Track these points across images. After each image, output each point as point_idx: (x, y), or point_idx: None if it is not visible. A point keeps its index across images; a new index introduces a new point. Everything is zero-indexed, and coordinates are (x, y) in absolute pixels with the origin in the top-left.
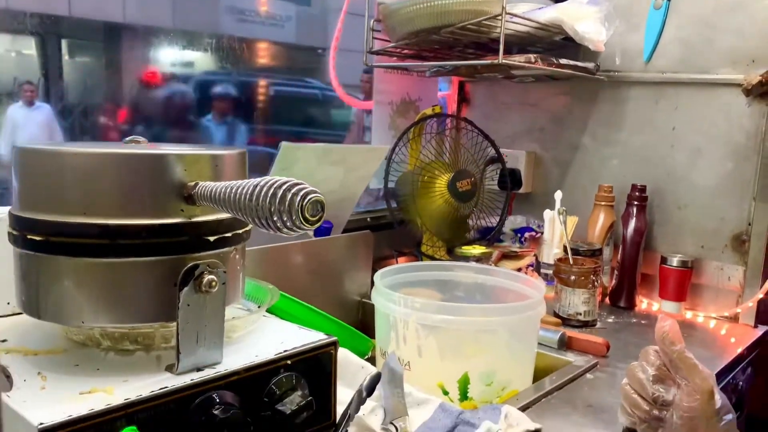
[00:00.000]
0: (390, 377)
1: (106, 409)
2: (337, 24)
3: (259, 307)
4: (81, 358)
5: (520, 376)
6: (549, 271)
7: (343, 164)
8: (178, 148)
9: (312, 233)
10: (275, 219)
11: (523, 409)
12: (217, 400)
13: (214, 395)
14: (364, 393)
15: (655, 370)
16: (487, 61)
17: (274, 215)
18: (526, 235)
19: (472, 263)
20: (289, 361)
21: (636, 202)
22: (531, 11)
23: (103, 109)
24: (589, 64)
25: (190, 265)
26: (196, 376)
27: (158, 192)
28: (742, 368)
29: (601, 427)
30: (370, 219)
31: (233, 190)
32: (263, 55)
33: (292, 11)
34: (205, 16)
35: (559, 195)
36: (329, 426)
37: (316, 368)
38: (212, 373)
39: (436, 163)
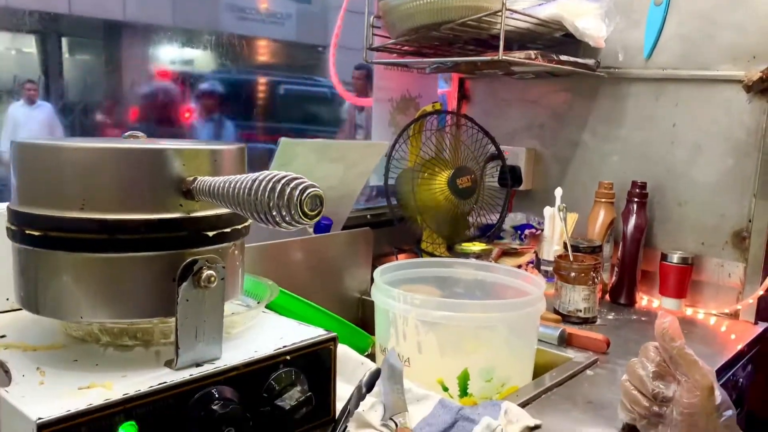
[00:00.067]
0: (390, 373)
1: (105, 404)
2: (337, 21)
3: (258, 303)
4: (80, 354)
5: (520, 372)
6: (549, 268)
7: (342, 160)
8: (177, 143)
9: (312, 230)
10: (274, 213)
11: (522, 406)
12: (216, 396)
13: (213, 390)
14: (364, 389)
15: (655, 366)
16: (488, 58)
17: (273, 210)
18: (526, 232)
19: (472, 260)
20: (289, 357)
21: (636, 199)
22: (531, 7)
23: (103, 107)
24: (590, 61)
25: (188, 261)
26: (195, 372)
27: (157, 187)
28: (742, 365)
29: (601, 423)
30: (370, 216)
31: (232, 185)
32: (263, 53)
33: (292, 9)
34: (205, 14)
35: (559, 192)
36: (329, 422)
37: (315, 364)
38: (211, 369)
39: (436, 159)
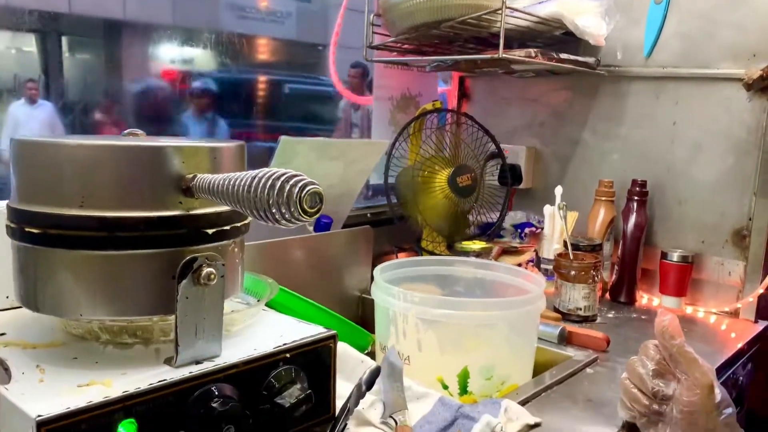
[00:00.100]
0: (389, 371)
1: (105, 401)
2: (337, 19)
3: (258, 301)
4: (80, 352)
5: (519, 370)
6: (549, 267)
7: (342, 159)
8: (176, 141)
9: (312, 228)
10: (273, 211)
11: (522, 404)
12: (216, 393)
13: (213, 388)
14: (364, 387)
15: (654, 364)
16: (488, 56)
17: (272, 207)
18: (527, 230)
19: (472, 258)
20: (288, 355)
21: (636, 197)
22: (531, 6)
23: (103, 106)
24: (590, 59)
25: (188, 258)
26: (195, 369)
27: (156, 184)
28: (742, 363)
29: (601, 421)
30: (370, 214)
31: (231, 182)
32: (263, 51)
33: (292, 7)
34: (205, 13)
35: (559, 190)
36: (328, 419)
37: (315, 361)
38: (211, 366)
39: (437, 158)
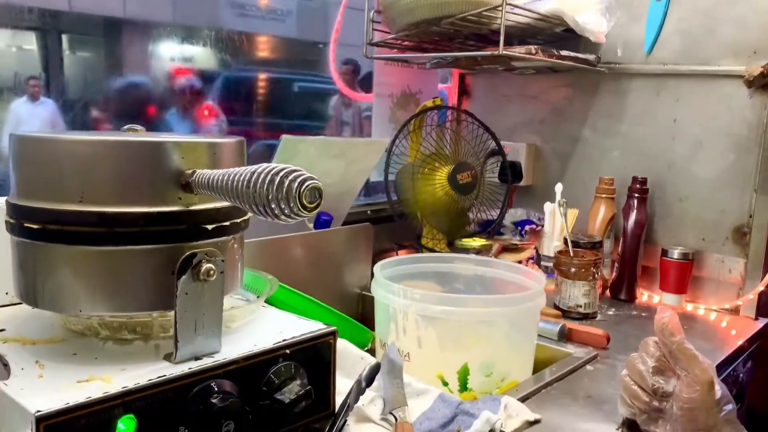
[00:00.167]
0: (389, 368)
1: (104, 397)
2: (337, 17)
3: (258, 298)
4: (79, 347)
5: (519, 367)
6: (549, 264)
7: (343, 157)
8: (176, 136)
9: (311, 225)
10: (273, 206)
11: (522, 400)
12: (216, 389)
13: (213, 384)
14: (364, 383)
15: (655, 361)
16: (488, 53)
17: (272, 202)
18: (527, 227)
19: (472, 255)
20: (288, 351)
21: (637, 195)
22: (531, 2)
23: (104, 104)
24: (590, 56)
25: (188, 254)
26: (195, 365)
27: (156, 180)
28: (742, 360)
29: (601, 418)
30: (370, 212)
31: (231, 178)
32: (263, 49)
33: (292, 5)
34: (205, 11)
35: (559, 187)
36: (328, 415)
37: (315, 358)
38: (210, 362)
39: (437, 155)
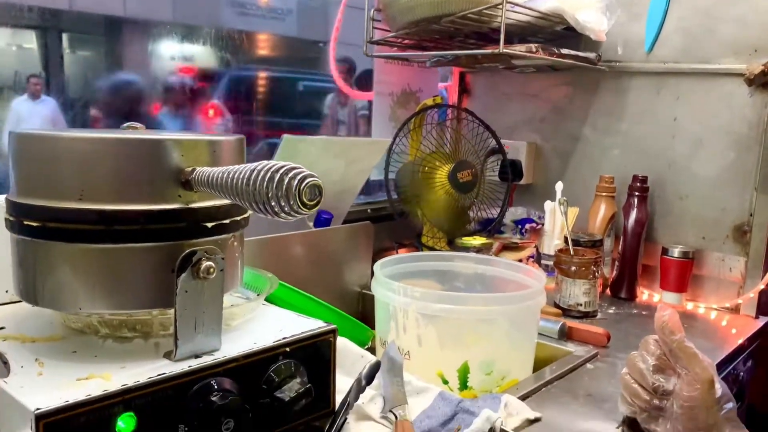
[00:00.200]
0: (390, 366)
1: (104, 395)
2: (337, 15)
3: (258, 296)
4: (79, 345)
5: (520, 365)
6: (550, 262)
7: (344, 157)
8: (175, 134)
9: (311, 223)
10: (273, 203)
11: (523, 399)
12: (216, 387)
13: (213, 382)
14: (364, 381)
15: (655, 359)
16: (488, 51)
17: (271, 200)
18: (527, 226)
19: (472, 254)
20: (288, 349)
21: (637, 193)
22: (532, 0)
23: (102, 104)
24: (591, 54)
25: (187, 252)
26: (194, 363)
27: (155, 177)
28: (743, 359)
29: (602, 416)
30: (370, 210)
31: (230, 175)
32: (264, 48)
33: (292, 4)
34: (205, 10)
35: (559, 186)
36: (328, 414)
37: (315, 356)
38: (210, 360)
39: (437, 153)
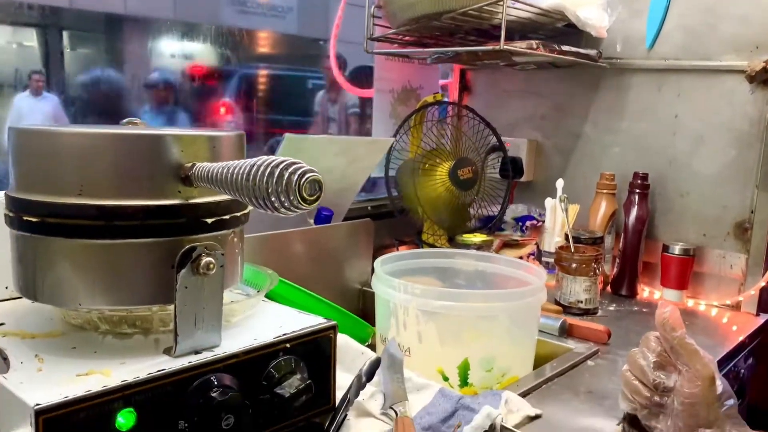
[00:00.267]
0: (390, 363)
1: (103, 390)
2: (338, 13)
3: (258, 292)
4: (79, 341)
5: (520, 362)
6: (550, 260)
7: (345, 155)
8: (175, 130)
9: (312, 220)
10: (273, 199)
11: (523, 395)
12: (215, 383)
13: (213, 378)
14: (364, 378)
15: (656, 356)
16: (489, 48)
17: (271, 195)
18: (528, 223)
19: (473, 251)
20: (288, 345)
21: (638, 190)
22: None
23: (104, 101)
24: (592, 51)
25: (187, 247)
26: (194, 359)
27: (155, 173)
28: (743, 356)
29: (602, 413)
30: (370, 207)
31: (230, 171)
32: (264, 45)
33: (293, 2)
34: (205, 8)
35: (560, 183)
36: (328, 410)
37: (315, 352)
38: (210, 356)
39: (437, 151)
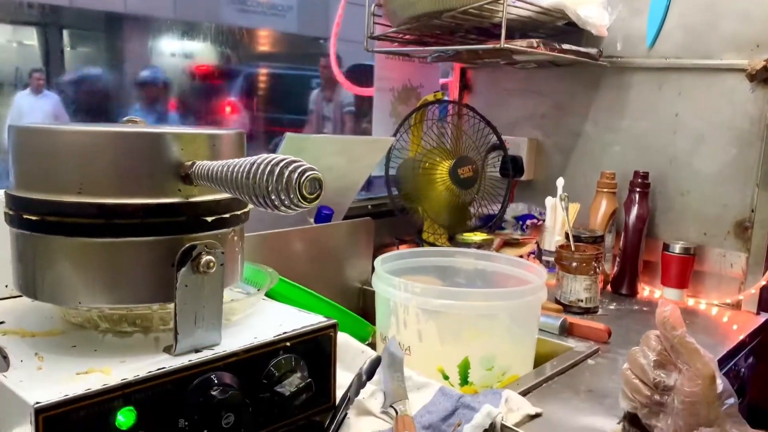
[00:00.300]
0: (390, 361)
1: (103, 389)
2: (338, 12)
3: (258, 291)
4: (79, 340)
5: (520, 361)
6: (551, 259)
7: (345, 154)
8: (175, 128)
9: (312, 219)
10: (273, 197)
11: (523, 394)
12: (216, 382)
13: (213, 376)
14: (364, 376)
15: (656, 355)
16: (489, 46)
17: (271, 193)
18: (528, 222)
19: (473, 249)
20: (288, 343)
21: (638, 189)
22: None
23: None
24: (592, 50)
25: (187, 246)
26: (195, 357)
27: (155, 171)
28: (744, 355)
29: (602, 412)
30: (371, 206)
31: (230, 169)
32: (264, 44)
33: (293, 0)
34: (205, 6)
35: (561, 182)
36: (329, 408)
37: (315, 350)
38: (210, 355)
39: (438, 149)
